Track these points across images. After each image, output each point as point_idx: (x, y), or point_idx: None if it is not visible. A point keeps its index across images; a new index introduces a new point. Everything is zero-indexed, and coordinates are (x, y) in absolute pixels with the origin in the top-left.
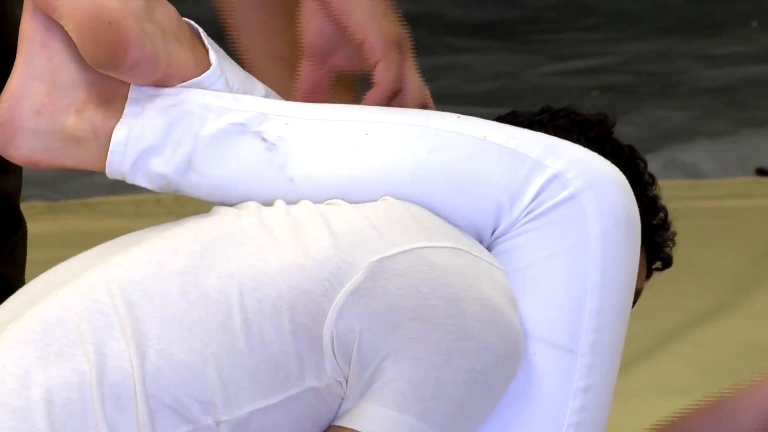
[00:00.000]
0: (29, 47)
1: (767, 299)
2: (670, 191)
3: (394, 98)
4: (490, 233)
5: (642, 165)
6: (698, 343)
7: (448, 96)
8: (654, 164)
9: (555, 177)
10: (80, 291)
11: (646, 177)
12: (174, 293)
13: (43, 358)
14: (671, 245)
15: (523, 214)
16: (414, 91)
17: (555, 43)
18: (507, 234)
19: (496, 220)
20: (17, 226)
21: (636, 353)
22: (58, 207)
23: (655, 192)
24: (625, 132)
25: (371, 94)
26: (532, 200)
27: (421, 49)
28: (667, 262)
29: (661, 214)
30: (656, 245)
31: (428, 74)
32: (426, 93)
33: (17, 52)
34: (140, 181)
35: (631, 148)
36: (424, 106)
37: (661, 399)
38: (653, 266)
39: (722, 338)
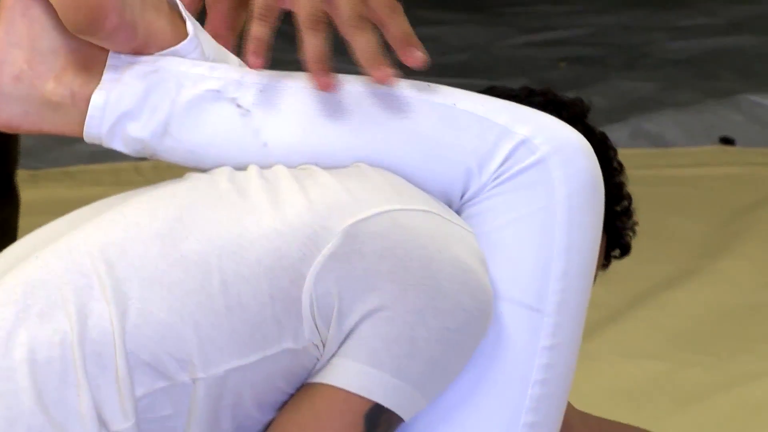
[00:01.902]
0: (10, 15)
1: (731, 265)
2: (636, 160)
3: None
4: (460, 197)
5: (612, 152)
6: (663, 307)
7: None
8: (621, 133)
9: (522, 143)
10: (60, 253)
11: (615, 164)
12: (153, 254)
13: (24, 319)
14: (632, 234)
15: (492, 178)
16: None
17: (524, 16)
18: (476, 198)
19: (465, 185)
20: (11, 201)
21: (602, 318)
22: (40, 175)
23: (621, 179)
24: (592, 102)
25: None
26: (500, 165)
27: None
28: (625, 250)
29: (625, 202)
30: (617, 230)
31: None
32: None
33: None
34: (117, 146)
35: (603, 135)
36: None
37: (626, 362)
38: (612, 254)
39: (687, 303)
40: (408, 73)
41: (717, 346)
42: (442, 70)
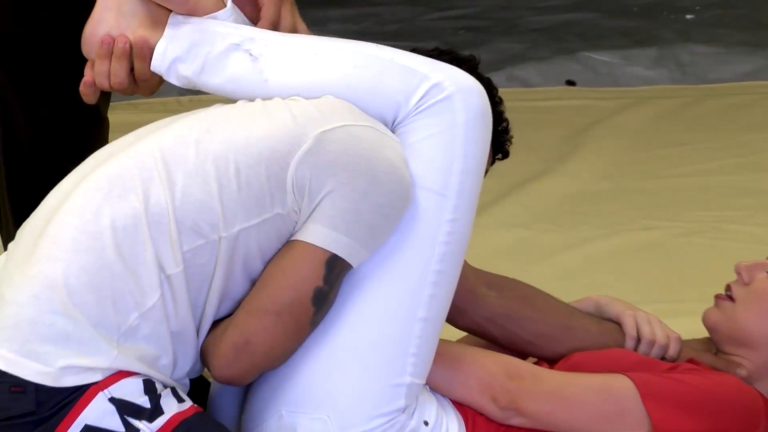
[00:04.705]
0: None
1: (574, 165)
2: (511, 96)
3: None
4: (392, 121)
5: (494, 90)
6: (530, 193)
7: (368, 33)
8: (500, 78)
9: (436, 85)
10: (131, 155)
11: (497, 98)
12: (191, 155)
13: (108, 199)
14: (509, 144)
15: (414, 108)
16: (285, 24)
17: (437, 0)
18: (403, 122)
19: (396, 112)
20: (104, 124)
21: (489, 200)
22: (113, 106)
23: (501, 108)
24: (482, 57)
25: (260, 24)
26: (420, 99)
27: (348, 4)
28: (506, 155)
29: (504, 123)
30: (500, 143)
31: (354, 19)
32: (299, 27)
33: None
34: (172, 80)
35: (489, 80)
36: (294, 32)
37: (505, 231)
38: (496, 157)
39: (545, 190)
40: (360, 37)
41: (564, 219)
42: (382, 36)
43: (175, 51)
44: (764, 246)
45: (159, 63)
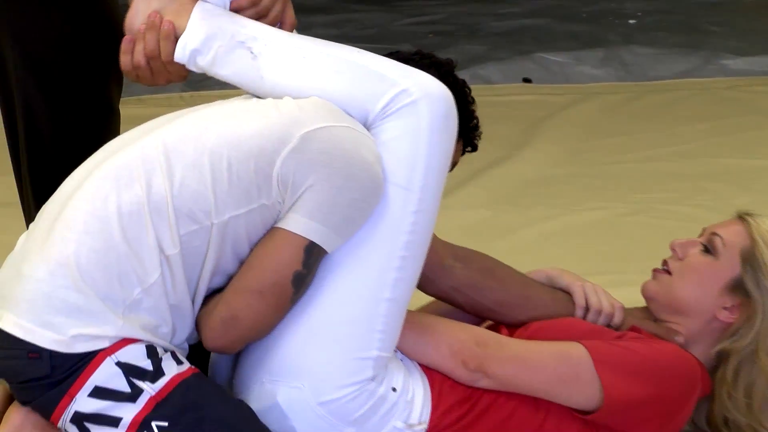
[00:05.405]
0: None
1: (531, 153)
2: (474, 92)
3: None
4: (365, 122)
5: (468, 91)
6: (491, 178)
7: (348, 37)
8: (465, 77)
9: (403, 91)
10: (138, 149)
11: (470, 98)
12: (190, 149)
13: (116, 188)
14: (478, 138)
15: (381, 111)
16: (264, 4)
17: (409, 7)
18: (374, 123)
19: (367, 115)
20: (116, 117)
21: (455, 184)
22: (123, 101)
23: (473, 108)
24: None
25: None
26: (387, 104)
27: (331, 11)
28: (475, 148)
29: (475, 121)
30: (470, 138)
31: (336, 25)
32: (286, 16)
33: None
34: (192, 67)
35: (463, 81)
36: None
37: (470, 212)
38: (466, 149)
39: (505, 175)
40: (341, 41)
41: (523, 200)
42: (361, 39)
43: (194, 44)
44: (696, 224)
45: (181, 54)
